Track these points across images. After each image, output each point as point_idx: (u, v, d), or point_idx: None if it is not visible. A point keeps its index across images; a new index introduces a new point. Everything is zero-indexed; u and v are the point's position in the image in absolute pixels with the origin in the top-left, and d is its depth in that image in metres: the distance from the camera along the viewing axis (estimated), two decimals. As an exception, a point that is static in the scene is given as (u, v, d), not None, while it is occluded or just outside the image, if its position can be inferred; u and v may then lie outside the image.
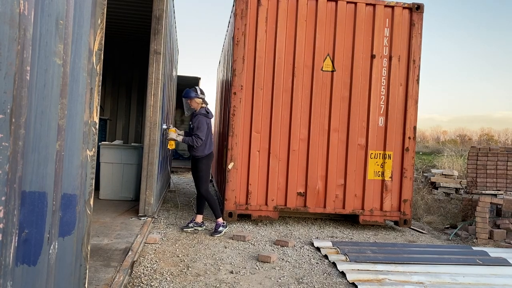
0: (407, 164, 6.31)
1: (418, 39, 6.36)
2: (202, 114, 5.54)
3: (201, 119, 5.49)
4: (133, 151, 6.88)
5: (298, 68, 6.18)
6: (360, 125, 6.28)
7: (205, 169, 5.53)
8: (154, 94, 5.72)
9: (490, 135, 35.98)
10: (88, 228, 2.21)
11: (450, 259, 4.61)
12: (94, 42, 2.14)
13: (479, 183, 7.95)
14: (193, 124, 5.54)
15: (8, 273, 1.41)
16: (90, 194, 2.20)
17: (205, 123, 5.49)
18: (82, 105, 2.06)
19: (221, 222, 5.46)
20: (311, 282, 3.80)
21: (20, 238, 1.51)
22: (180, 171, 13.91)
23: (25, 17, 1.42)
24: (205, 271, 3.92)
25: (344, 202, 6.22)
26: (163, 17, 5.73)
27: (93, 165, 2.21)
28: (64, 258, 1.96)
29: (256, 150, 6.12)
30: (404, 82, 6.37)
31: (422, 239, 5.99)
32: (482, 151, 8.13)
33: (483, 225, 5.96)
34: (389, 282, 3.84)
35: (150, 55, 5.73)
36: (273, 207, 6.10)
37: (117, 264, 3.51)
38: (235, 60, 6.08)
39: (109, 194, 6.80)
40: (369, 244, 5.24)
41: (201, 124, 5.45)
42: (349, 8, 6.29)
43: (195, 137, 5.41)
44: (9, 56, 1.33)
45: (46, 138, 1.67)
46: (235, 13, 6.12)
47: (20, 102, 1.42)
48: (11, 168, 1.38)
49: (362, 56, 6.30)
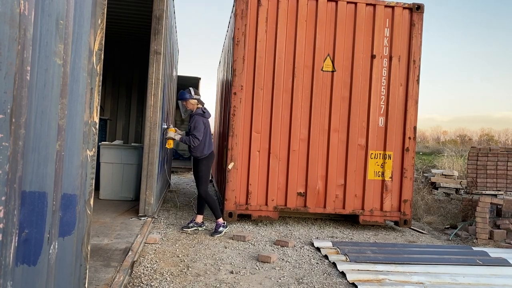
0: (407, 164, 6.31)
1: (418, 39, 6.36)
2: (199, 114, 5.55)
3: (198, 118, 5.49)
4: (133, 151, 6.88)
5: (298, 68, 6.18)
6: (360, 125, 6.28)
7: (204, 169, 5.53)
8: (154, 94, 5.73)
9: (490, 135, 35.98)
10: (88, 228, 2.21)
11: (450, 260, 4.61)
12: (94, 42, 2.14)
13: (479, 184, 7.95)
14: (190, 125, 5.55)
15: (8, 273, 1.41)
16: (90, 194, 2.20)
17: (202, 123, 5.48)
18: (82, 105, 2.06)
19: (221, 222, 5.46)
20: (311, 282, 3.80)
21: (20, 238, 1.51)
22: (180, 171, 13.91)
23: (25, 17, 1.41)
24: (205, 271, 3.92)
25: (344, 202, 6.22)
26: (164, 17, 5.73)
27: (93, 165, 2.21)
28: (64, 258, 1.96)
29: (256, 150, 6.12)
30: (404, 82, 6.37)
31: (422, 240, 5.99)
32: (482, 151, 8.13)
33: (483, 225, 5.96)
34: (389, 282, 3.84)
35: (150, 55, 5.73)
36: (273, 207, 6.10)
37: (117, 264, 3.51)
38: (235, 60, 6.08)
39: (109, 194, 6.80)
40: (369, 244, 5.24)
41: (197, 124, 5.45)
42: (349, 8, 6.29)
43: (192, 137, 5.43)
44: (10, 56, 1.33)
45: (46, 138, 1.67)
46: (235, 13, 6.12)
47: (20, 102, 1.42)
48: (11, 168, 1.38)
49: (362, 56, 6.30)
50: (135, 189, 6.81)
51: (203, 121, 5.51)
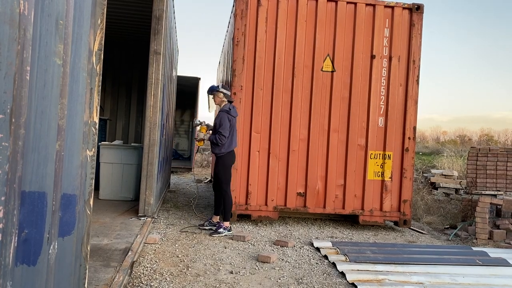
0: (407, 164, 6.31)
1: (418, 40, 6.36)
2: (224, 110, 5.48)
3: (223, 115, 5.44)
4: (133, 151, 6.88)
5: (298, 68, 6.18)
6: (360, 126, 6.28)
7: (222, 169, 5.46)
8: (154, 94, 5.72)
9: (490, 135, 35.99)
10: (87, 228, 2.21)
11: (450, 260, 4.61)
12: (94, 42, 2.14)
13: (478, 184, 7.95)
14: (216, 121, 5.51)
15: (8, 273, 1.41)
16: (89, 194, 2.20)
17: (227, 120, 5.40)
18: (82, 105, 2.06)
19: (226, 226, 5.41)
20: (311, 283, 3.80)
21: (19, 238, 1.51)
22: (179, 171, 13.91)
23: (25, 17, 1.42)
24: (204, 271, 3.92)
25: (344, 203, 6.22)
26: (163, 17, 5.73)
27: (93, 165, 2.21)
28: (63, 258, 1.96)
29: (256, 150, 6.13)
30: (404, 82, 6.38)
31: (421, 240, 6.00)
32: (482, 151, 8.13)
33: (482, 225, 5.96)
34: (388, 282, 3.84)
35: (150, 55, 5.73)
36: (273, 207, 6.10)
37: (117, 264, 3.51)
38: (235, 60, 6.08)
39: (109, 194, 6.79)
40: (369, 245, 5.24)
41: (223, 121, 5.39)
42: (349, 9, 6.29)
43: (218, 135, 5.38)
44: (9, 56, 1.33)
45: (46, 138, 1.67)
46: (235, 14, 6.12)
47: (20, 102, 1.42)
48: (11, 168, 1.38)
49: (362, 56, 6.30)
50: (134, 189, 6.80)
51: (228, 118, 5.42)
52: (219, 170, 5.49)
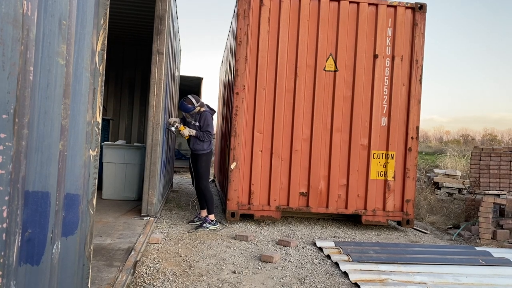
0: (409, 164, 6.30)
1: (420, 39, 6.34)
2: (207, 111, 5.83)
3: (207, 115, 5.78)
4: (136, 151, 6.89)
5: (301, 68, 6.18)
6: (362, 125, 6.27)
7: (204, 165, 5.74)
8: (157, 94, 5.73)
9: (493, 135, 35.87)
10: (91, 228, 2.22)
11: (453, 260, 4.60)
12: (97, 43, 2.14)
13: (482, 183, 7.92)
14: (201, 122, 5.74)
15: (12, 272, 1.41)
16: (93, 194, 2.20)
17: (211, 119, 5.79)
18: (85, 105, 2.07)
19: (212, 219, 5.68)
20: (314, 282, 3.80)
21: (23, 237, 1.51)
22: (182, 171, 13.92)
23: (28, 18, 1.42)
24: (207, 271, 3.92)
25: (347, 202, 6.21)
26: (166, 17, 5.74)
27: (96, 165, 2.21)
28: (67, 258, 1.96)
29: (258, 150, 6.12)
30: (407, 82, 6.36)
31: (424, 239, 5.98)
32: (485, 151, 8.10)
33: (486, 225, 5.94)
34: (391, 282, 3.83)
35: (153, 55, 5.74)
36: (276, 207, 6.10)
37: (120, 264, 3.52)
38: (237, 60, 6.08)
39: (112, 194, 6.81)
40: (372, 244, 5.23)
41: (209, 121, 5.76)
42: (351, 8, 6.28)
43: (207, 133, 5.71)
44: (13, 56, 1.33)
45: (49, 138, 1.68)
46: (238, 13, 6.12)
47: (24, 102, 1.42)
48: (15, 168, 1.39)
49: (365, 56, 6.29)
50: (137, 189, 6.82)
51: (212, 117, 5.82)
52: (200, 167, 5.73)
